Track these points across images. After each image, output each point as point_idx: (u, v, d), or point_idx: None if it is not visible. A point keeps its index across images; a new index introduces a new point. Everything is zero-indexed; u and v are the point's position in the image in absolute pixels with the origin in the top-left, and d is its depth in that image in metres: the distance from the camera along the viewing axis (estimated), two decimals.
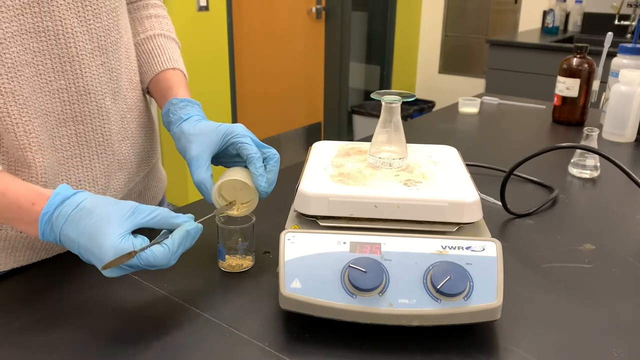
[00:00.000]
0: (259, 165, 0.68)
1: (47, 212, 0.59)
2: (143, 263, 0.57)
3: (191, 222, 0.61)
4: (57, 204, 0.59)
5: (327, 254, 0.59)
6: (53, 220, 0.59)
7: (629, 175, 0.84)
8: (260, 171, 0.68)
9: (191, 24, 2.48)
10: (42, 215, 0.59)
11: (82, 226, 0.58)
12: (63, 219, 0.58)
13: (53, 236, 0.59)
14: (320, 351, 0.58)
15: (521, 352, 0.59)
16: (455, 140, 1.34)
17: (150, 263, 0.57)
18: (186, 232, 0.60)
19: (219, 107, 2.73)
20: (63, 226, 0.58)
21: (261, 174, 0.68)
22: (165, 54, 0.87)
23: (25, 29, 0.66)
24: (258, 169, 0.68)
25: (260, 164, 0.68)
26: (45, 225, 0.59)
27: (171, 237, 0.59)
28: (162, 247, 0.58)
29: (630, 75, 1.27)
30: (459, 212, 0.62)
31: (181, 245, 0.59)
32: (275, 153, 0.71)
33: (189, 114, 0.77)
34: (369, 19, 3.92)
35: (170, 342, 0.59)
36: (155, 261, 0.57)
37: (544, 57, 2.90)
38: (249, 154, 0.69)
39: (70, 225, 0.58)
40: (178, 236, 0.59)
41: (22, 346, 0.59)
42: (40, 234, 0.59)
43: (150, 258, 0.57)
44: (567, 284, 0.72)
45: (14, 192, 0.61)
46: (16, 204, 0.60)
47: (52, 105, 0.70)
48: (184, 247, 0.60)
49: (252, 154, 0.68)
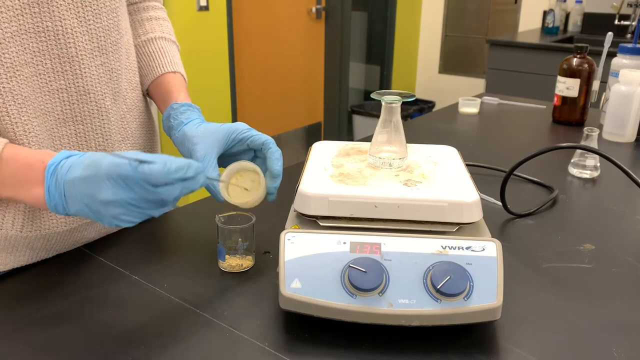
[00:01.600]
0: (275, 149, 0.71)
1: (54, 163, 0.59)
2: (138, 174, 0.54)
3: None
4: (63, 157, 0.60)
5: (327, 254, 0.59)
6: (58, 170, 0.59)
7: (629, 175, 0.84)
8: (277, 155, 0.70)
9: (191, 24, 2.48)
10: (49, 167, 0.59)
11: (83, 164, 0.57)
12: (67, 166, 0.59)
13: (58, 191, 0.58)
14: (320, 351, 0.58)
15: (521, 352, 0.59)
16: (455, 140, 1.34)
17: (145, 175, 0.54)
18: (188, 162, 0.57)
19: (219, 107, 2.73)
20: (67, 173, 0.58)
21: (277, 158, 0.70)
22: (165, 57, 0.87)
23: (25, 29, 0.66)
24: (274, 153, 0.70)
25: (276, 148, 0.71)
26: (51, 178, 0.59)
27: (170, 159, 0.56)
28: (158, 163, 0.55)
29: (630, 75, 1.27)
30: (459, 212, 0.62)
31: (179, 169, 0.56)
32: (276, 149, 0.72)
33: (190, 117, 0.77)
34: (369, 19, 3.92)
35: (170, 342, 0.59)
36: (151, 173, 0.54)
37: (544, 57, 2.90)
38: (264, 140, 0.71)
39: (73, 168, 0.58)
40: (178, 160, 0.56)
41: (22, 346, 0.59)
42: (46, 190, 0.59)
43: (146, 169, 0.54)
44: (567, 284, 0.72)
45: (24, 155, 0.61)
46: (26, 164, 0.60)
47: (51, 105, 0.70)
48: (183, 174, 0.56)
49: (267, 140, 0.71)
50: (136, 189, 0.55)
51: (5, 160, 0.61)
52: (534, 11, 3.58)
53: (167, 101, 0.82)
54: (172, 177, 0.56)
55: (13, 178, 0.61)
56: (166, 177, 0.55)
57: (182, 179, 0.56)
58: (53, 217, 0.74)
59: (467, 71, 3.93)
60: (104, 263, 0.75)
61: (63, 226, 0.76)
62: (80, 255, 0.77)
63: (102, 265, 0.74)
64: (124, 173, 0.55)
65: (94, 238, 0.82)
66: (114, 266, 0.74)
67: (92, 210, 0.57)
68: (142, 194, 0.56)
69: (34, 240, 0.74)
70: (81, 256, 0.77)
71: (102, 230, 0.83)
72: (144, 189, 0.55)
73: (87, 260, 0.75)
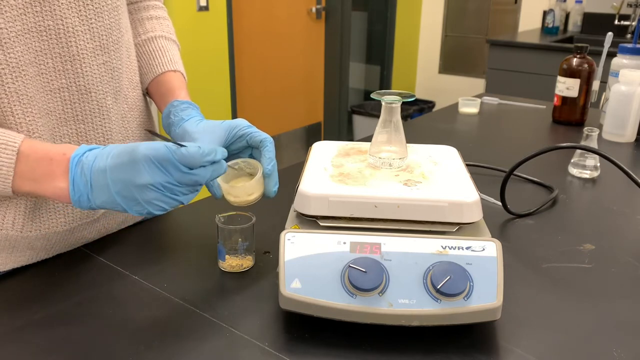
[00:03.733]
0: (271, 148, 0.71)
1: (77, 155, 0.60)
2: (176, 157, 0.57)
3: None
4: (87, 149, 0.61)
5: (327, 254, 0.59)
6: (83, 161, 0.59)
7: (629, 175, 0.84)
8: (270, 154, 0.71)
9: (191, 24, 2.48)
10: (72, 159, 0.59)
11: (112, 154, 0.59)
12: (93, 156, 0.59)
13: (84, 180, 0.59)
14: (320, 351, 0.58)
15: (521, 352, 0.59)
16: (455, 140, 1.34)
17: (184, 156, 0.57)
18: (215, 147, 0.61)
19: (219, 107, 2.73)
20: (94, 163, 0.59)
21: (270, 158, 0.70)
22: (165, 56, 0.87)
23: (28, 29, 0.66)
24: (269, 152, 0.71)
25: (272, 148, 0.71)
26: (76, 168, 0.59)
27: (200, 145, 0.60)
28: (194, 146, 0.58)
29: (630, 75, 1.27)
30: (459, 212, 0.62)
31: (212, 153, 0.59)
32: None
33: (190, 115, 0.77)
34: (369, 19, 3.92)
35: (170, 342, 0.59)
36: (189, 154, 0.57)
37: (544, 57, 2.90)
38: (263, 138, 0.71)
39: (100, 158, 0.59)
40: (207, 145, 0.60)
41: (22, 346, 0.59)
42: (71, 181, 0.59)
43: (183, 151, 0.57)
44: (567, 284, 0.72)
45: (43, 147, 0.62)
46: (47, 156, 0.60)
47: (53, 105, 0.70)
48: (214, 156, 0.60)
49: (265, 138, 0.71)
50: (173, 171, 0.57)
51: (24, 155, 0.60)
52: (534, 11, 3.58)
53: (167, 99, 0.82)
54: (206, 159, 0.59)
55: (33, 172, 0.60)
56: (201, 158, 0.58)
57: (212, 162, 0.60)
58: (53, 217, 0.74)
59: (467, 71, 3.93)
60: (104, 263, 0.75)
61: (63, 226, 0.76)
62: (80, 255, 0.77)
63: (102, 265, 0.74)
64: (163, 156, 0.57)
65: (94, 238, 0.82)
66: (114, 266, 0.74)
67: (124, 197, 0.58)
68: (179, 176, 0.58)
69: (34, 240, 0.74)
70: (81, 256, 0.77)
71: (102, 230, 0.83)
72: (180, 172, 0.58)
73: (87, 260, 0.75)
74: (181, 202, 0.60)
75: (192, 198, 0.62)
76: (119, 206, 0.59)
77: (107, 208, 0.60)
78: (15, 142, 0.60)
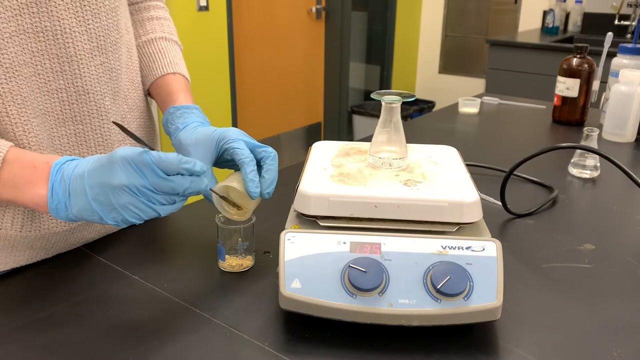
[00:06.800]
0: (250, 169, 0.66)
1: (59, 162, 0.60)
2: (154, 159, 0.56)
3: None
4: (69, 158, 0.61)
5: (327, 254, 0.59)
6: (64, 168, 0.59)
7: (629, 175, 0.84)
8: (250, 176, 0.66)
9: (191, 24, 2.48)
10: (54, 166, 0.60)
11: (92, 160, 0.59)
12: (74, 164, 0.60)
13: (63, 187, 0.58)
14: (320, 351, 0.58)
15: (521, 352, 0.59)
16: (455, 140, 1.34)
17: (162, 160, 0.56)
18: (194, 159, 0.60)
19: (219, 108, 2.73)
20: (74, 170, 0.59)
21: (251, 179, 0.66)
22: (165, 58, 0.86)
23: (24, 29, 0.66)
24: (248, 174, 0.66)
25: (250, 169, 0.66)
26: (56, 175, 0.59)
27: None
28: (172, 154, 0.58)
29: (630, 75, 1.27)
30: (458, 212, 0.62)
31: (190, 162, 0.58)
32: (271, 151, 0.70)
33: (186, 122, 0.77)
34: (369, 19, 3.92)
35: (170, 342, 0.59)
36: (167, 159, 0.57)
37: (544, 57, 2.90)
38: (240, 159, 0.67)
39: (81, 164, 0.59)
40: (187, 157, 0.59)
41: (22, 346, 0.59)
42: (50, 188, 0.59)
43: (162, 155, 0.57)
44: (567, 284, 0.72)
45: (30, 157, 0.62)
46: (32, 165, 0.61)
47: (51, 105, 0.70)
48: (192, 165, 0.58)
49: (242, 158, 0.67)
50: (149, 175, 0.57)
51: (9, 162, 0.61)
52: (534, 11, 3.58)
53: (166, 104, 0.82)
54: (184, 166, 0.58)
55: (15, 179, 0.60)
56: (178, 165, 0.57)
57: (191, 172, 0.59)
58: (53, 217, 0.74)
59: (467, 71, 3.93)
60: (104, 263, 0.75)
61: (63, 226, 0.76)
62: (80, 255, 0.77)
63: (102, 265, 0.74)
64: (140, 158, 0.56)
65: (94, 238, 0.82)
66: (114, 266, 0.74)
67: (100, 202, 0.57)
68: (155, 181, 0.57)
69: (33, 240, 0.74)
70: (81, 256, 0.77)
71: (102, 230, 0.83)
72: (157, 176, 0.57)
73: (87, 260, 0.76)
74: (158, 213, 0.58)
75: (170, 211, 0.60)
76: (95, 214, 0.58)
77: (83, 218, 0.59)
78: (1, 150, 0.60)
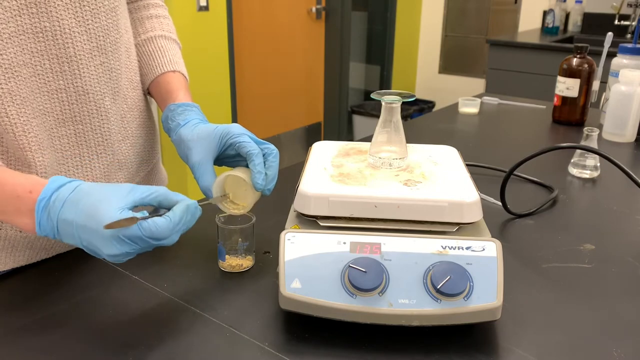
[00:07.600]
0: (258, 161, 0.68)
1: (44, 198, 0.58)
2: (145, 233, 0.56)
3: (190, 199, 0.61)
4: (53, 189, 0.58)
5: (327, 254, 0.59)
6: (50, 205, 0.58)
7: (629, 175, 0.84)
8: (258, 168, 0.68)
9: (191, 24, 2.48)
10: (39, 202, 0.58)
11: (80, 206, 0.57)
12: (60, 202, 0.57)
13: (50, 225, 0.58)
14: (320, 351, 0.58)
15: (521, 352, 0.59)
16: (455, 140, 1.34)
17: (153, 233, 0.56)
18: (186, 206, 0.59)
19: (219, 107, 2.73)
20: (61, 210, 0.57)
21: (259, 171, 0.68)
22: (165, 56, 0.86)
23: (23, 30, 0.66)
24: (257, 166, 0.68)
25: (259, 161, 0.68)
26: (42, 213, 0.58)
27: (172, 211, 0.59)
28: (163, 219, 0.57)
29: (630, 75, 1.27)
30: (458, 212, 0.62)
31: (182, 219, 0.59)
32: (273, 148, 0.71)
33: (187, 119, 0.77)
34: (369, 19, 3.92)
35: (170, 342, 0.59)
36: (158, 231, 0.56)
37: (544, 57, 2.90)
38: (248, 151, 0.69)
39: (68, 207, 0.57)
40: (179, 209, 0.59)
41: (22, 346, 0.59)
42: (37, 224, 0.58)
43: (152, 227, 0.56)
44: (567, 284, 0.72)
45: (12, 182, 0.60)
46: (14, 194, 0.59)
47: (50, 106, 0.70)
48: (185, 221, 0.59)
49: (251, 150, 0.69)
50: (141, 243, 0.57)
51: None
52: (534, 11, 3.58)
53: (166, 101, 0.82)
54: (176, 229, 0.58)
55: (3, 205, 0.60)
56: (169, 233, 0.58)
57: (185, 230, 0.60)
58: None
59: (467, 71, 3.93)
60: (104, 263, 0.75)
61: None
62: (80, 255, 0.77)
63: (102, 265, 0.74)
64: (131, 233, 0.56)
65: None
66: (114, 266, 0.74)
67: (91, 250, 0.58)
68: (146, 245, 0.58)
69: (34, 240, 0.74)
70: (81, 256, 0.77)
71: None
72: (148, 243, 0.57)
73: (87, 260, 0.75)
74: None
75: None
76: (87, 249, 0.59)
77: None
78: None
